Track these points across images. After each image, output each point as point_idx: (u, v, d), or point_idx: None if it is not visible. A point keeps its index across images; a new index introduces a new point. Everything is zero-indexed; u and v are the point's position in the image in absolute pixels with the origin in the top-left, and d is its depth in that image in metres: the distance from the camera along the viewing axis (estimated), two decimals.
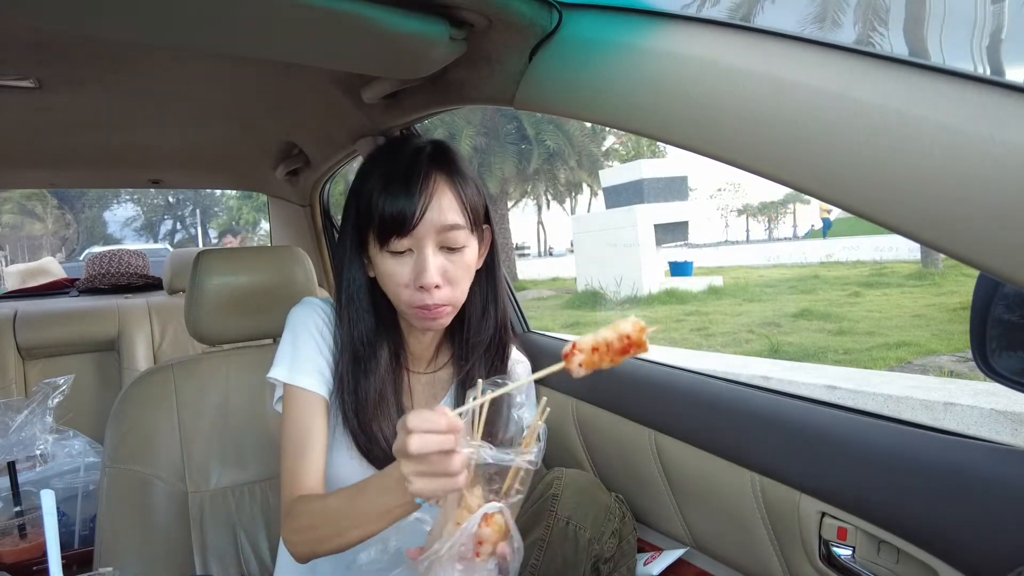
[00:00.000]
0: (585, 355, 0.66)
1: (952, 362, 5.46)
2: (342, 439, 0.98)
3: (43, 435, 1.52)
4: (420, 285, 0.87)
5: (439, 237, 0.88)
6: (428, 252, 0.87)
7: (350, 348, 0.95)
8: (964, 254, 0.44)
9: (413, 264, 0.88)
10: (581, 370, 0.67)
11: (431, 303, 0.87)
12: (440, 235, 0.88)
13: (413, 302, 0.89)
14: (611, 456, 1.15)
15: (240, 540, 1.18)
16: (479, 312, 0.99)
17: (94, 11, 0.67)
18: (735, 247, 22.33)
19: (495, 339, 1.00)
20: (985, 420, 3.16)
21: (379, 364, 0.95)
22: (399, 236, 0.87)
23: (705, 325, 8.20)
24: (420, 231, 0.86)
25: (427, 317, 0.90)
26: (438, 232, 0.87)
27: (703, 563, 1.01)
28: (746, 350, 6.52)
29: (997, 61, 13.00)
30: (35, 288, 2.77)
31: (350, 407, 0.95)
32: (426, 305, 0.88)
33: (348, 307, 0.96)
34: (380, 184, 0.88)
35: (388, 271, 0.90)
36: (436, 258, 0.88)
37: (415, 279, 0.87)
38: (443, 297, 0.88)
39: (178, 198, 34.17)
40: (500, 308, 1.00)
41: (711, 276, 12.66)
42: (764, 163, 0.53)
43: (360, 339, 0.95)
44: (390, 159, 0.91)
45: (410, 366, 1.02)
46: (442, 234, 0.88)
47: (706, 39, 0.58)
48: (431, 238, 0.87)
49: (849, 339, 6.74)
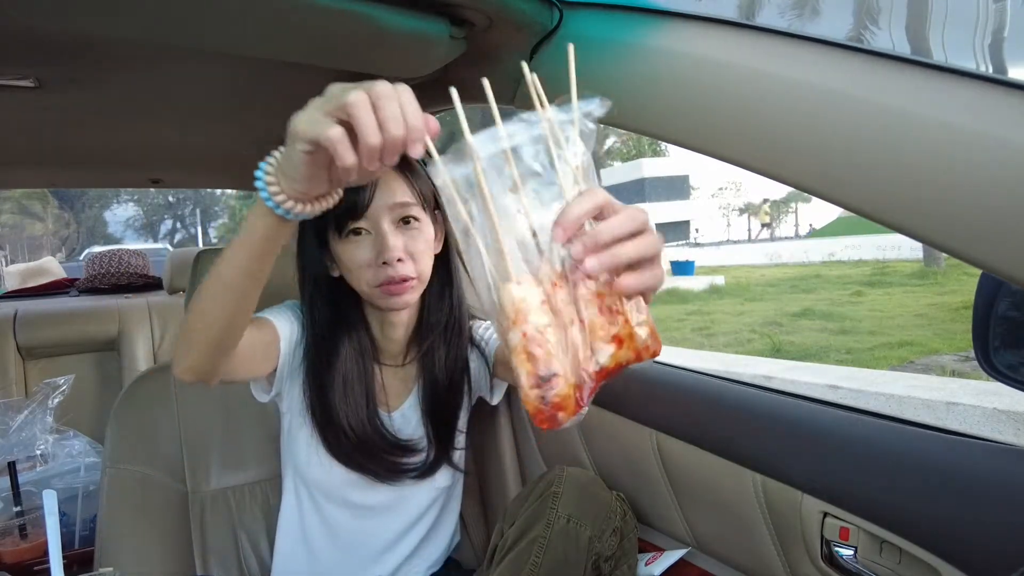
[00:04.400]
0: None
1: (954, 361, 5.46)
2: (311, 439, 1.03)
3: (43, 435, 1.52)
4: (383, 260, 0.92)
5: (393, 214, 0.94)
6: (386, 228, 0.93)
7: (313, 343, 1.01)
8: (966, 253, 0.43)
9: (373, 243, 0.94)
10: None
11: (395, 275, 0.92)
12: (394, 212, 0.94)
13: (378, 279, 0.94)
14: (612, 456, 1.14)
15: (240, 541, 1.18)
16: (437, 294, 1.05)
17: (94, 11, 0.67)
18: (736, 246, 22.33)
19: (451, 318, 1.06)
20: (988, 420, 3.15)
21: (340, 356, 1.00)
22: (354, 219, 0.93)
23: (707, 325, 8.19)
24: (373, 212, 0.93)
25: (393, 293, 0.94)
26: (391, 209, 0.94)
27: (705, 563, 1.01)
28: (748, 350, 6.52)
29: (1000, 60, 12.98)
30: (35, 288, 2.77)
31: (316, 401, 1.00)
32: (390, 279, 0.93)
33: (311, 304, 1.02)
34: None
35: (350, 255, 0.95)
36: (395, 234, 0.94)
37: (377, 256, 0.93)
38: (407, 270, 0.93)
39: (178, 198, 34.22)
40: (455, 290, 1.07)
41: (713, 275, 12.66)
42: (766, 161, 0.53)
43: (321, 333, 1.01)
44: None
45: (382, 359, 1.07)
46: (395, 211, 0.94)
47: (707, 37, 0.58)
48: (385, 216, 0.93)
49: (851, 338, 6.74)
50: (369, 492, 1.06)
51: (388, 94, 0.53)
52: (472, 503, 1.34)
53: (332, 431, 1.00)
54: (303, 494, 1.08)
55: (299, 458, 1.06)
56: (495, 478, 1.33)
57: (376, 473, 1.04)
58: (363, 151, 0.53)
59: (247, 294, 0.73)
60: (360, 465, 1.03)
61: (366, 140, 0.52)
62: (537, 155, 0.52)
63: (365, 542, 1.09)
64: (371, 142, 0.52)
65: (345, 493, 1.06)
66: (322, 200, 0.65)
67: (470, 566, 1.24)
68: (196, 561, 1.13)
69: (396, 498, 1.08)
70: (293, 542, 1.09)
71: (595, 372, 0.52)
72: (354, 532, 1.08)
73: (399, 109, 0.53)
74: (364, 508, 1.07)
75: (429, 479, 1.09)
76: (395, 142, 0.53)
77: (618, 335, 0.52)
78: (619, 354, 0.52)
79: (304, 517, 1.08)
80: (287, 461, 1.10)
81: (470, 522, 1.32)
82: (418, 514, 1.11)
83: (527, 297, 0.50)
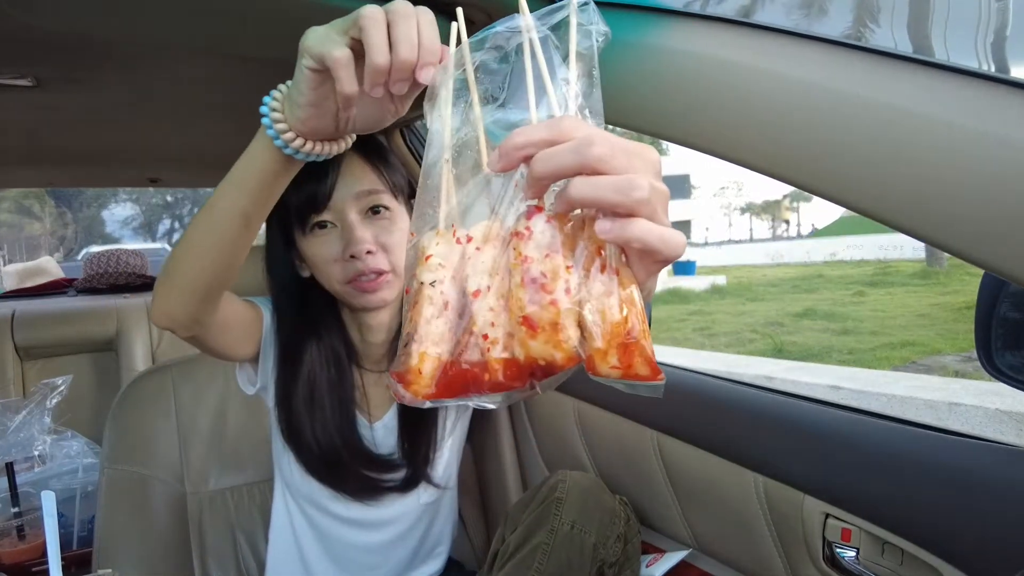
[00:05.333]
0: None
1: (957, 362, 5.46)
2: (284, 451, 0.97)
3: (41, 436, 1.52)
4: (351, 254, 0.86)
5: (359, 204, 0.87)
6: (352, 219, 0.86)
7: (282, 349, 0.95)
8: (969, 253, 0.43)
9: (340, 236, 0.87)
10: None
11: (365, 269, 0.85)
12: (360, 201, 0.87)
13: (347, 275, 0.87)
14: (613, 457, 1.14)
15: (239, 541, 1.17)
16: None
17: (93, 11, 0.67)
18: (738, 246, 22.34)
19: None
20: (990, 420, 3.15)
21: (305, 365, 0.93)
22: (316, 212, 0.86)
23: (708, 325, 8.20)
24: (337, 203, 0.86)
25: (364, 289, 0.87)
26: (357, 199, 0.87)
27: (706, 565, 1.00)
28: (749, 350, 6.52)
29: (1002, 58, 12.98)
30: (33, 288, 2.76)
31: (282, 411, 0.94)
32: (360, 273, 0.86)
33: (277, 309, 0.96)
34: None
35: (316, 252, 0.88)
36: (364, 226, 0.87)
37: (344, 249, 0.86)
38: (378, 263, 0.86)
39: (176, 197, 34.17)
40: None
41: (714, 275, 12.66)
42: (767, 161, 0.53)
43: (288, 337, 0.95)
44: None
45: (363, 364, 1.00)
46: (361, 200, 0.87)
47: (708, 36, 0.58)
48: (351, 206, 0.87)
49: (853, 339, 6.74)
50: (349, 506, 1.00)
51: (407, 12, 0.48)
52: (472, 504, 1.33)
53: (300, 444, 0.94)
54: (289, 498, 1.05)
55: (281, 463, 1.02)
56: (495, 478, 1.32)
57: (348, 491, 0.97)
58: (368, 71, 0.48)
59: (238, 239, 0.67)
60: (332, 481, 0.97)
61: (372, 59, 0.47)
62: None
63: (355, 558, 1.04)
64: (377, 61, 0.47)
65: (326, 504, 1.01)
66: (329, 144, 0.60)
67: (471, 567, 1.24)
68: (194, 562, 1.13)
69: (377, 513, 1.02)
70: (285, 545, 1.06)
71: (488, 361, 0.41)
72: (342, 540, 1.03)
73: (415, 30, 0.48)
74: (346, 521, 1.02)
75: (412, 494, 1.02)
76: (404, 65, 0.47)
77: (530, 318, 0.39)
78: (530, 345, 0.40)
79: (294, 521, 1.05)
80: (275, 463, 1.06)
81: (470, 523, 1.32)
82: (405, 528, 1.05)
83: (428, 247, 0.43)
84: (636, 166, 0.38)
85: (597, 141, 0.37)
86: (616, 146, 0.38)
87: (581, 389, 1.19)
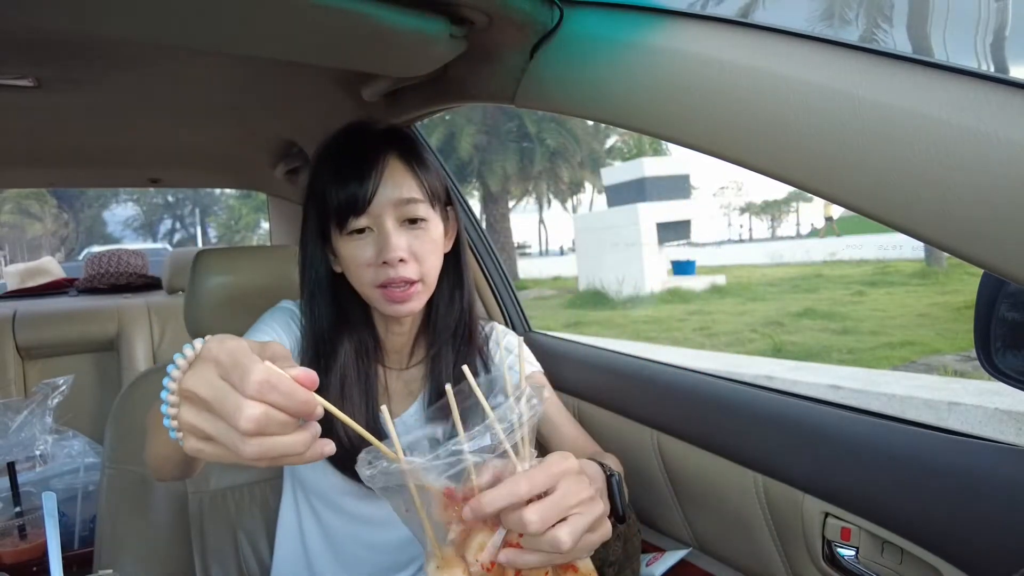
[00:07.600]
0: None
1: (956, 361, 5.46)
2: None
3: (43, 436, 1.52)
4: (384, 260, 0.87)
5: (397, 212, 0.88)
6: (389, 226, 0.87)
7: (312, 344, 0.96)
8: (968, 252, 0.43)
9: (375, 240, 0.88)
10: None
11: (396, 277, 0.87)
12: (398, 209, 0.88)
13: (378, 280, 0.88)
14: (613, 456, 1.14)
15: (240, 541, 1.17)
16: (447, 298, 0.99)
17: (93, 10, 0.67)
18: (738, 246, 22.32)
19: (461, 324, 1.00)
20: (990, 420, 3.15)
21: (339, 359, 0.94)
22: (356, 215, 0.87)
23: (708, 324, 8.20)
24: (376, 208, 0.87)
25: (395, 299, 0.88)
26: (395, 206, 0.88)
27: (706, 564, 1.01)
28: (749, 350, 6.52)
29: (1001, 58, 12.97)
30: (34, 288, 2.77)
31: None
32: (391, 280, 0.87)
33: (311, 302, 0.97)
34: (332, 174, 0.89)
35: (351, 254, 0.89)
36: (399, 233, 0.88)
37: (378, 255, 0.87)
38: (409, 272, 0.87)
39: (177, 197, 34.22)
40: (466, 293, 1.00)
41: (714, 275, 12.66)
42: (767, 161, 0.53)
43: (321, 333, 0.95)
44: (341, 147, 0.92)
45: (387, 363, 1.02)
46: (400, 208, 0.88)
47: (708, 36, 0.58)
48: (389, 213, 0.87)
49: (853, 338, 6.74)
50: (363, 503, 1.00)
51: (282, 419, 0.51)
52: None
53: (329, 437, 0.95)
54: (300, 497, 1.05)
55: None
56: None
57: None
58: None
59: (191, 460, 0.69)
60: (355, 473, 0.99)
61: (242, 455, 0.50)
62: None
63: (366, 557, 1.03)
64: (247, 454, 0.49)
65: (340, 501, 1.01)
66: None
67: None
68: (195, 562, 1.13)
69: (390, 511, 1.03)
70: (292, 545, 1.06)
71: None
72: (351, 541, 1.03)
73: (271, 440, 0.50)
74: (358, 518, 1.02)
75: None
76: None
77: None
78: None
79: (302, 520, 1.05)
80: None
81: None
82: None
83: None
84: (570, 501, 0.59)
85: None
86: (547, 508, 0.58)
87: (582, 389, 1.20)
